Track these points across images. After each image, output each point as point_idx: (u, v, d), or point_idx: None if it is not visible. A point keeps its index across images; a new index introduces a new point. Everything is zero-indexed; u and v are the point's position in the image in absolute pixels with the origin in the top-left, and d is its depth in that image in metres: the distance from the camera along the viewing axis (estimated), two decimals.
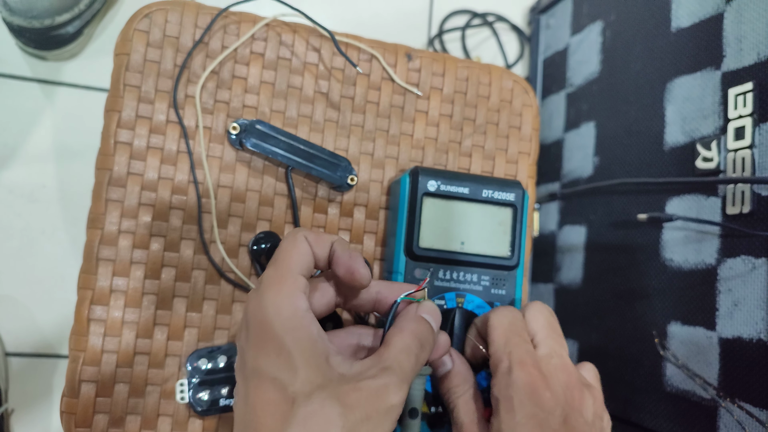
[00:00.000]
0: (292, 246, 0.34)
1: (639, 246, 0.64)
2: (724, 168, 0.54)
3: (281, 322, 0.30)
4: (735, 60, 0.55)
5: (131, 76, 0.43)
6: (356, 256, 0.35)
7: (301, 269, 0.33)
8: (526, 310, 0.40)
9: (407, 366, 0.32)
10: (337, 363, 0.31)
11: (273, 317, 0.31)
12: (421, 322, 0.35)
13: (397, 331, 0.34)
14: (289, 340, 0.30)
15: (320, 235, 0.35)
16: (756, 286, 0.51)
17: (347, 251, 0.35)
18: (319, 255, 0.35)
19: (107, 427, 0.41)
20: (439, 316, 0.36)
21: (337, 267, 0.35)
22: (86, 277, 0.41)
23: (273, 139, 0.43)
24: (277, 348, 0.30)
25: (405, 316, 0.35)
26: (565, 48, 0.82)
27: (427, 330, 0.35)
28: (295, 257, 0.33)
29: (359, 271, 0.34)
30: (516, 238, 0.45)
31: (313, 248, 0.34)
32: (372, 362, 0.31)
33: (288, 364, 0.30)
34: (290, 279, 0.32)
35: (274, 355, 0.30)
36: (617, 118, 0.69)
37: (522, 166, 0.50)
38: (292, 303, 0.31)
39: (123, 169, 0.42)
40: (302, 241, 0.34)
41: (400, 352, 0.32)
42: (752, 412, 0.49)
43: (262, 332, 0.31)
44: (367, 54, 0.47)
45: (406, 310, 0.36)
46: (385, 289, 0.37)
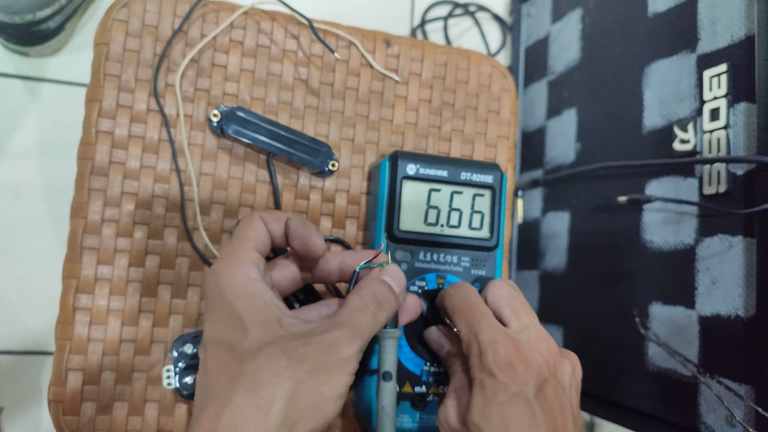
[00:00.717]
0: (247, 224, 0.35)
1: (620, 229, 0.65)
2: (701, 149, 0.55)
3: (232, 290, 0.32)
4: (709, 42, 0.56)
5: (111, 66, 0.43)
6: (309, 227, 0.35)
7: (255, 244, 0.34)
8: (488, 290, 0.40)
9: (361, 322, 0.33)
10: (289, 325, 0.32)
11: (225, 286, 0.32)
12: (379, 282, 0.36)
13: (354, 292, 0.35)
14: (240, 306, 0.31)
15: (275, 213, 0.36)
16: (733, 263, 0.52)
17: (301, 224, 0.35)
18: (274, 231, 0.36)
19: (95, 414, 0.41)
20: (402, 279, 0.37)
21: (292, 241, 0.36)
22: (71, 266, 0.42)
23: (254, 125, 0.44)
24: (229, 314, 0.31)
25: (365, 279, 0.36)
26: (546, 36, 0.83)
27: (386, 290, 0.35)
28: (248, 233, 0.34)
29: (312, 241, 0.35)
30: (495, 219, 0.45)
31: (267, 225, 0.35)
32: (326, 321, 0.33)
33: (239, 327, 0.31)
34: (242, 252, 0.33)
35: (227, 321, 0.31)
36: (598, 104, 0.70)
37: (501, 150, 0.50)
38: (243, 272, 0.33)
39: (105, 159, 0.43)
40: (257, 220, 0.35)
41: (355, 310, 0.33)
42: (731, 387, 0.50)
43: (216, 301, 0.32)
44: (345, 41, 0.48)
45: (368, 273, 0.37)
46: (348, 258, 0.38)
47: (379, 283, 0.36)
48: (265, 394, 0.29)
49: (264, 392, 0.29)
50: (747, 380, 0.49)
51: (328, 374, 0.31)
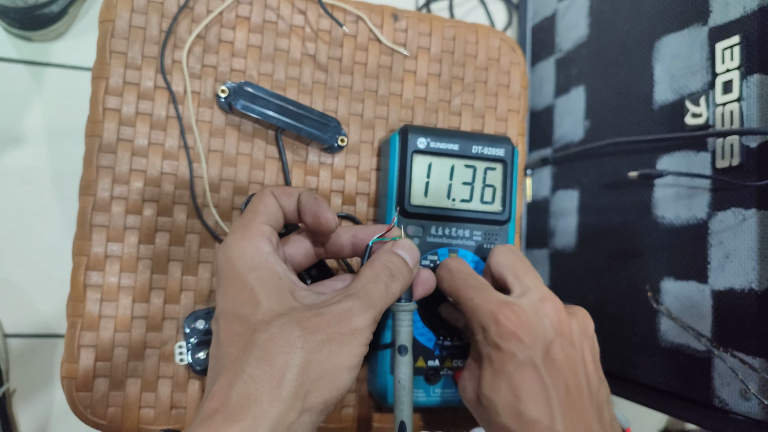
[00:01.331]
0: (259, 200, 0.35)
1: (631, 206, 0.64)
2: (713, 123, 0.55)
3: (243, 262, 0.32)
4: (721, 14, 0.55)
5: (117, 43, 0.43)
6: (321, 202, 0.35)
7: (267, 219, 0.34)
8: (489, 258, 0.40)
9: (374, 293, 0.33)
10: (302, 296, 0.32)
11: (236, 259, 0.32)
12: (392, 255, 0.35)
13: (367, 264, 0.35)
14: (251, 278, 0.31)
15: (287, 188, 0.36)
16: (747, 237, 0.51)
17: (313, 199, 0.35)
18: (286, 206, 0.35)
19: (108, 390, 0.41)
20: (415, 252, 0.37)
21: (304, 215, 0.35)
22: (81, 243, 0.41)
23: (262, 100, 0.43)
24: (241, 286, 0.31)
25: (378, 252, 0.36)
26: (553, 14, 0.82)
27: (399, 262, 0.35)
28: (260, 208, 0.34)
29: (324, 215, 0.35)
30: (507, 193, 0.45)
31: (279, 200, 0.35)
32: (339, 292, 0.33)
33: (251, 299, 0.31)
34: (254, 226, 0.33)
35: (238, 293, 0.31)
36: (606, 81, 0.70)
37: (512, 124, 0.50)
38: (254, 245, 0.32)
39: (113, 136, 0.42)
40: (268, 195, 0.35)
41: (368, 281, 0.33)
42: (745, 360, 0.50)
43: (228, 274, 0.32)
44: (353, 15, 0.47)
45: (381, 247, 0.36)
46: (361, 232, 0.37)
47: (392, 255, 0.35)
48: (277, 363, 0.29)
49: (276, 361, 0.29)
50: (761, 353, 0.49)
51: (341, 344, 0.30)
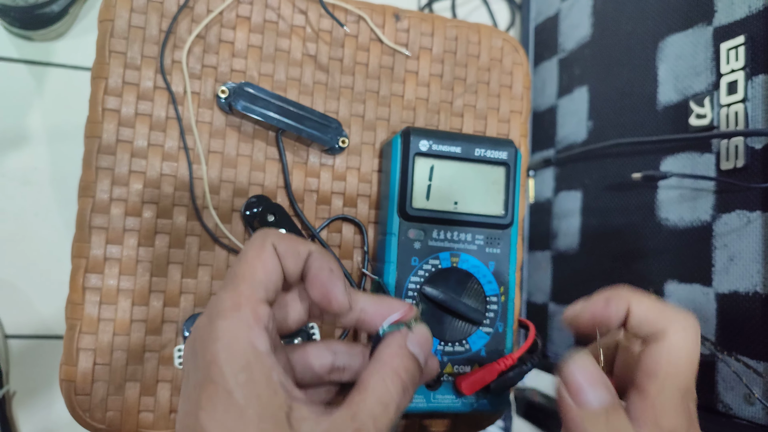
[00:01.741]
0: (256, 257, 0.28)
1: (634, 207, 0.64)
2: (718, 124, 0.54)
3: (232, 368, 0.25)
4: (726, 14, 0.54)
5: (116, 43, 0.42)
6: (335, 276, 0.29)
7: (266, 291, 0.28)
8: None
9: (384, 422, 0.27)
10: (299, 420, 0.25)
11: (224, 361, 0.25)
12: (406, 358, 0.29)
13: (375, 369, 0.28)
14: (241, 395, 0.24)
15: (294, 243, 0.29)
16: (751, 239, 0.51)
17: (326, 268, 0.29)
18: (290, 270, 0.29)
19: (107, 394, 0.41)
20: (429, 345, 0.31)
21: (311, 287, 0.29)
22: (80, 245, 0.41)
23: (262, 101, 0.43)
24: (226, 402, 0.24)
25: (389, 347, 0.29)
26: (556, 13, 0.81)
27: (413, 368, 0.29)
28: (258, 274, 0.28)
29: (337, 298, 0.29)
30: (509, 196, 0.45)
31: (282, 261, 0.29)
32: (342, 419, 0.26)
33: (238, 426, 0.24)
34: (249, 307, 0.26)
35: (221, 410, 0.24)
36: (610, 81, 0.69)
37: (514, 125, 0.49)
38: (248, 342, 0.25)
39: (112, 137, 0.42)
40: (269, 253, 0.28)
41: (376, 404, 0.27)
42: (750, 364, 0.49)
43: (210, 376, 0.25)
44: (354, 15, 0.47)
45: (392, 337, 0.30)
46: (370, 307, 0.31)
47: (405, 358, 0.29)
48: None
49: None
50: (766, 357, 0.48)
51: None
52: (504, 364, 0.43)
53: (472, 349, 0.44)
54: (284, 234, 0.30)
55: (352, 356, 0.32)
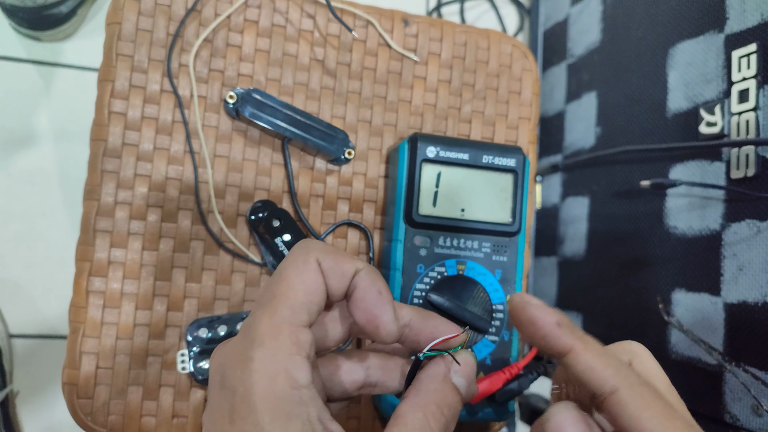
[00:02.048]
0: (298, 276, 0.25)
1: (642, 215, 0.63)
2: (728, 132, 0.54)
3: (270, 407, 0.22)
4: (738, 22, 0.54)
5: (123, 46, 0.42)
6: (383, 300, 0.26)
7: (309, 314, 0.25)
8: None
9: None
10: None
11: (259, 396, 0.22)
12: (450, 393, 0.26)
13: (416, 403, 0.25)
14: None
15: (340, 260, 0.26)
16: (761, 249, 0.50)
17: (374, 291, 0.26)
18: (335, 289, 0.26)
19: (109, 398, 0.41)
20: (473, 375, 0.28)
21: (355, 309, 0.26)
22: (84, 248, 0.41)
23: (270, 108, 0.43)
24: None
25: (430, 377, 0.26)
26: (565, 18, 0.81)
27: (455, 402, 0.26)
28: (300, 296, 0.24)
29: (386, 325, 0.26)
30: (517, 204, 0.44)
31: (327, 280, 0.25)
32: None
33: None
34: (289, 334, 0.23)
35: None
36: (619, 87, 0.69)
37: (522, 132, 0.49)
38: (288, 375, 0.23)
39: (118, 140, 0.42)
40: (313, 271, 0.25)
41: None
42: (758, 375, 0.49)
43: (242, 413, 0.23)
44: (362, 20, 0.47)
45: (436, 367, 0.27)
46: (417, 322, 0.28)
47: (449, 394, 0.26)
48: None
49: None
50: None
51: None
52: (509, 373, 0.42)
53: (478, 358, 0.43)
54: (329, 248, 0.26)
55: (386, 372, 0.29)
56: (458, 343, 0.28)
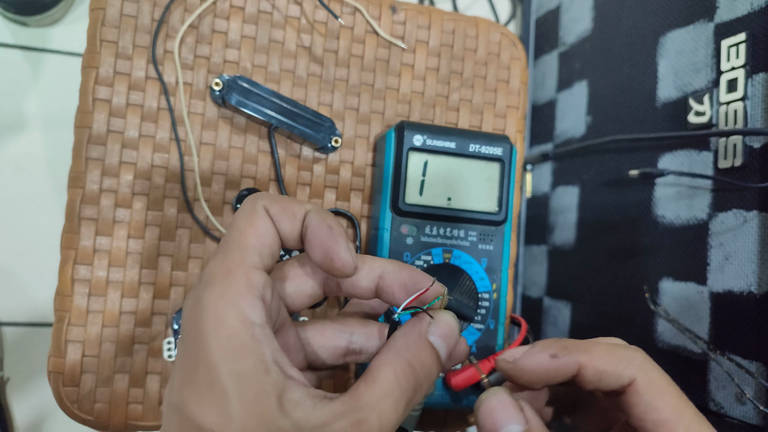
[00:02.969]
0: (247, 222, 0.25)
1: (631, 204, 0.63)
2: (716, 122, 0.54)
3: (219, 343, 0.22)
4: (728, 11, 0.54)
5: (108, 32, 0.42)
6: (336, 233, 0.25)
7: (261, 257, 0.25)
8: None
9: (390, 418, 0.23)
10: (292, 404, 0.22)
11: (210, 334, 0.22)
12: (425, 351, 0.25)
13: (387, 359, 0.24)
14: (226, 373, 0.22)
15: (287, 203, 0.26)
16: (747, 239, 0.50)
17: (325, 226, 0.26)
18: (286, 232, 0.26)
19: (95, 386, 0.41)
20: (453, 339, 0.26)
21: (311, 249, 0.26)
22: (69, 236, 0.41)
23: (256, 96, 0.42)
24: (210, 380, 0.22)
25: (406, 335, 0.26)
26: (557, 6, 0.80)
27: (430, 362, 0.25)
28: (250, 238, 0.25)
29: (339, 255, 0.25)
30: (504, 193, 0.44)
31: (277, 224, 0.26)
32: (343, 408, 0.22)
33: (221, 406, 0.21)
34: (241, 275, 0.23)
35: (204, 390, 0.22)
36: (610, 76, 0.68)
37: (510, 120, 0.49)
38: (239, 312, 0.23)
39: (102, 127, 0.41)
40: (262, 216, 0.25)
41: (383, 398, 0.23)
42: (742, 364, 0.49)
43: (194, 354, 0.22)
44: (350, 7, 0.46)
45: (411, 325, 0.26)
46: (391, 273, 0.27)
47: (424, 351, 0.25)
48: None
49: None
50: (758, 357, 0.48)
51: None
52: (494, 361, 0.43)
53: None
54: (277, 195, 0.26)
55: (368, 337, 0.28)
56: (434, 298, 0.27)
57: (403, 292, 0.27)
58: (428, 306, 0.26)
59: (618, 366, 0.25)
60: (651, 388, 0.25)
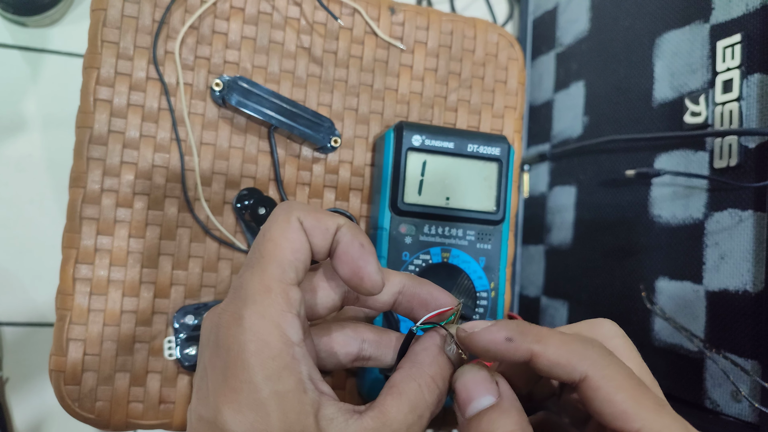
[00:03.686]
0: (282, 235, 0.25)
1: (628, 204, 0.64)
2: (712, 122, 0.54)
3: (263, 364, 0.23)
4: (724, 12, 0.54)
5: (109, 32, 0.42)
6: (366, 252, 0.26)
7: (296, 272, 0.25)
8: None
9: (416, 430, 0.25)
10: (327, 421, 0.23)
11: (253, 355, 0.23)
12: (445, 365, 0.27)
13: (411, 374, 0.26)
14: (268, 392, 0.22)
15: (321, 217, 0.26)
16: (742, 238, 0.51)
17: (356, 243, 0.26)
18: (318, 246, 0.26)
19: (96, 384, 0.41)
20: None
21: (339, 263, 0.26)
22: (70, 236, 0.41)
23: (256, 96, 0.43)
24: (253, 400, 0.22)
25: (426, 350, 0.27)
26: (554, 7, 0.81)
27: (449, 376, 0.27)
28: (287, 254, 0.25)
29: (370, 275, 0.26)
30: (501, 192, 0.45)
31: (310, 238, 0.26)
32: (374, 423, 0.24)
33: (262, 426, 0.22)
34: (280, 292, 0.24)
35: (246, 409, 0.22)
36: (606, 77, 0.69)
37: (508, 121, 0.49)
38: (281, 334, 0.23)
39: (104, 127, 0.42)
40: (296, 229, 0.25)
41: (411, 412, 0.25)
42: (737, 362, 0.49)
43: (236, 371, 0.23)
44: (349, 8, 0.47)
45: (429, 338, 0.27)
46: (410, 288, 0.29)
47: (444, 366, 0.27)
48: None
49: None
50: (753, 355, 0.49)
51: None
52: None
53: None
54: (309, 207, 0.27)
55: (380, 347, 0.29)
56: (451, 314, 0.28)
57: (422, 308, 0.28)
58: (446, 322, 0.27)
59: (570, 360, 0.25)
60: (606, 383, 0.24)
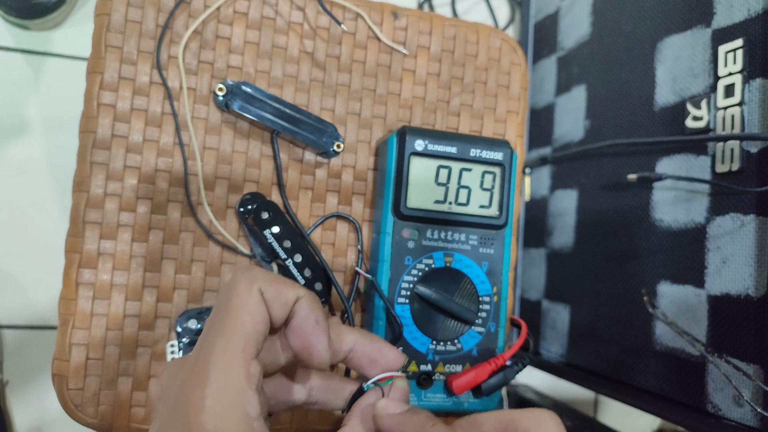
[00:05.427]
0: (244, 307, 0.25)
1: (629, 208, 0.64)
2: (714, 126, 0.54)
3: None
4: (725, 17, 0.54)
5: (113, 37, 0.42)
6: (319, 329, 0.27)
7: (257, 344, 0.25)
8: None
9: None
10: None
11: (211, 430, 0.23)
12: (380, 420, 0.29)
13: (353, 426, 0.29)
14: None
15: (282, 289, 0.27)
16: (744, 242, 0.51)
17: (311, 319, 0.27)
18: (276, 317, 0.27)
19: (99, 388, 0.41)
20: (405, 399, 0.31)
21: (292, 336, 0.27)
22: (73, 240, 0.41)
23: (259, 101, 0.43)
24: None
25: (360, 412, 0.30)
26: (556, 11, 0.81)
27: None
28: (248, 327, 0.25)
29: (319, 354, 0.27)
30: (504, 197, 0.45)
31: (270, 310, 0.26)
32: None
33: None
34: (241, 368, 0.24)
35: None
36: (608, 81, 0.69)
37: (510, 125, 0.49)
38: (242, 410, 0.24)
39: (107, 132, 0.42)
40: (258, 302, 0.26)
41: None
42: (739, 366, 0.49)
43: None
44: (352, 13, 0.47)
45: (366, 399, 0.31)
46: (362, 345, 0.30)
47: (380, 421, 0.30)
48: None
49: None
50: (755, 360, 0.49)
51: None
52: (495, 364, 0.43)
53: (464, 349, 0.44)
54: (271, 276, 0.27)
55: (328, 392, 0.31)
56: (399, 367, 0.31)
57: (371, 365, 0.31)
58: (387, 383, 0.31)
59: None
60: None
